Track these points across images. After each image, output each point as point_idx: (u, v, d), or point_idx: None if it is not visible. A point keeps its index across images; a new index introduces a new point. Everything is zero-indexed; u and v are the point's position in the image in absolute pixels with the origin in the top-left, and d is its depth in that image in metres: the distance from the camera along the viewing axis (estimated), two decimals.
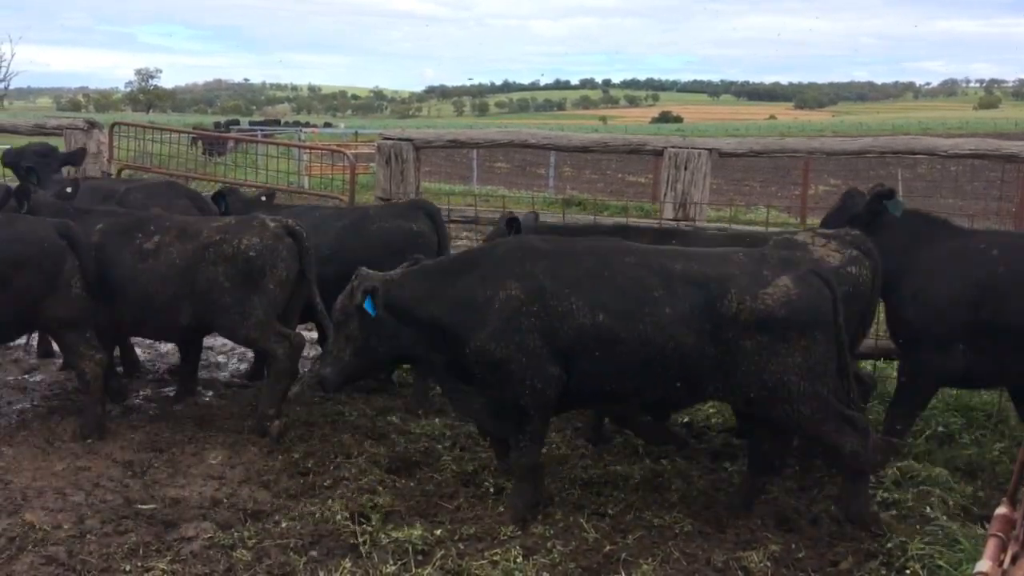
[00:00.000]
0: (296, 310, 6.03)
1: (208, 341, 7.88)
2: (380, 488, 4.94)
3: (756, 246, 4.96)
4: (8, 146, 23.39)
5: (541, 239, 4.83)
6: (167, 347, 7.82)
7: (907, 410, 5.32)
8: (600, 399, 4.78)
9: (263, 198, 7.22)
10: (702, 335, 4.27)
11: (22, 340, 8.05)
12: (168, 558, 4.19)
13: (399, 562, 4.16)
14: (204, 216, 6.57)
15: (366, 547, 4.28)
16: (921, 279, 5.11)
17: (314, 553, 4.27)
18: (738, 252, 4.56)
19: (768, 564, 4.19)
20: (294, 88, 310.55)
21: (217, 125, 37.45)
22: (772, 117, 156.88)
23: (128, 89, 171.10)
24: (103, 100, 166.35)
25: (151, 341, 8.10)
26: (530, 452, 4.61)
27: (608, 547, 4.33)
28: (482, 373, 4.52)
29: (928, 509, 4.71)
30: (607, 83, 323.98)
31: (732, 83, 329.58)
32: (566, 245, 4.69)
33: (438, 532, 4.41)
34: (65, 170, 9.46)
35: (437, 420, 6.07)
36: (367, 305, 4.57)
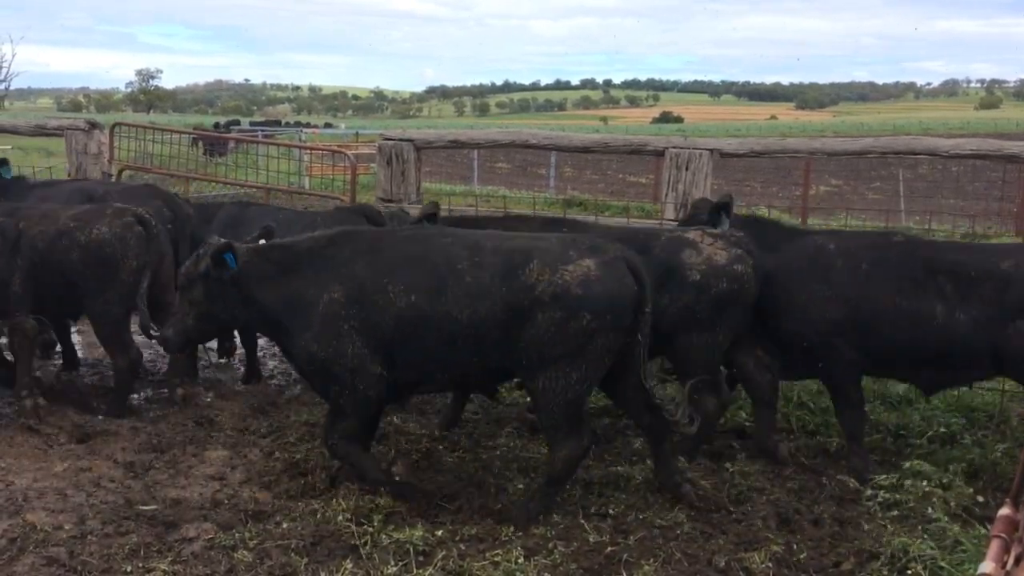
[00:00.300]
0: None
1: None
2: (381, 489, 4.93)
3: (649, 242, 5.27)
4: (8, 146, 23.24)
5: (371, 230, 5.19)
6: None
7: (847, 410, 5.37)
8: (426, 381, 4.87)
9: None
10: (500, 302, 4.45)
11: None
12: (169, 559, 4.18)
13: (400, 563, 4.15)
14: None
15: (367, 548, 4.28)
16: (784, 282, 5.29)
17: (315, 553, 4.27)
18: (555, 236, 4.82)
19: (770, 565, 4.18)
20: (295, 88, 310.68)
21: (216, 125, 37.40)
22: (773, 117, 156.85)
23: (129, 90, 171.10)
24: (104, 100, 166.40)
25: (153, 342, 8.10)
26: (344, 450, 4.83)
27: (609, 548, 4.32)
28: (306, 368, 4.79)
29: (930, 510, 4.70)
30: (608, 83, 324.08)
31: (733, 83, 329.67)
32: (389, 234, 5.02)
33: (439, 533, 4.41)
34: (66, 171, 9.48)
35: (437, 420, 6.06)
36: (228, 257, 4.77)
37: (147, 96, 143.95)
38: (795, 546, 4.37)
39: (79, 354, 7.47)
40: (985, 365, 5.12)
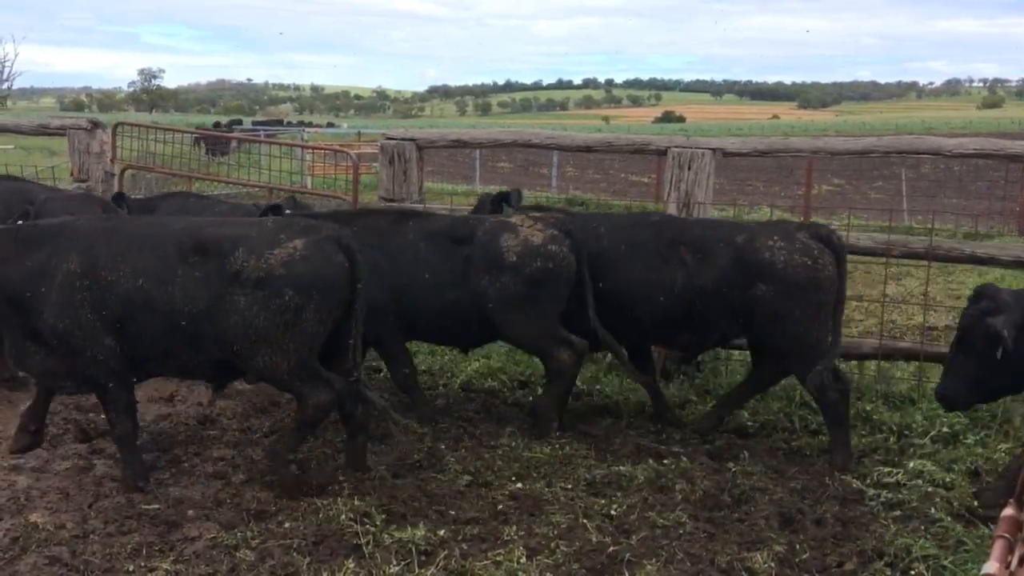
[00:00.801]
0: None
1: None
2: (383, 488, 4.93)
3: (475, 228, 5.75)
4: (11, 146, 23.24)
5: (104, 218, 5.53)
6: None
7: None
8: (160, 361, 4.96)
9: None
10: (209, 289, 4.65)
11: None
12: (171, 558, 4.18)
13: (402, 562, 4.15)
14: None
15: (369, 547, 4.28)
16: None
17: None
18: (274, 220, 5.15)
19: (772, 565, 4.18)
20: (297, 88, 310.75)
21: (216, 125, 37.38)
22: (775, 117, 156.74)
23: (131, 89, 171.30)
24: (106, 100, 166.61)
25: None
26: (122, 421, 4.92)
27: (612, 547, 4.32)
28: (52, 342, 4.83)
29: (933, 510, 4.70)
30: (610, 83, 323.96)
31: (735, 83, 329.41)
32: (123, 221, 5.36)
33: (441, 532, 4.41)
34: (68, 171, 9.47)
35: (439, 419, 6.06)
36: None
37: (149, 96, 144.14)
38: (797, 546, 4.37)
39: None
40: (731, 325, 5.66)
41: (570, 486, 5.04)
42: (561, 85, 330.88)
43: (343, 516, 4.55)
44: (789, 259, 5.45)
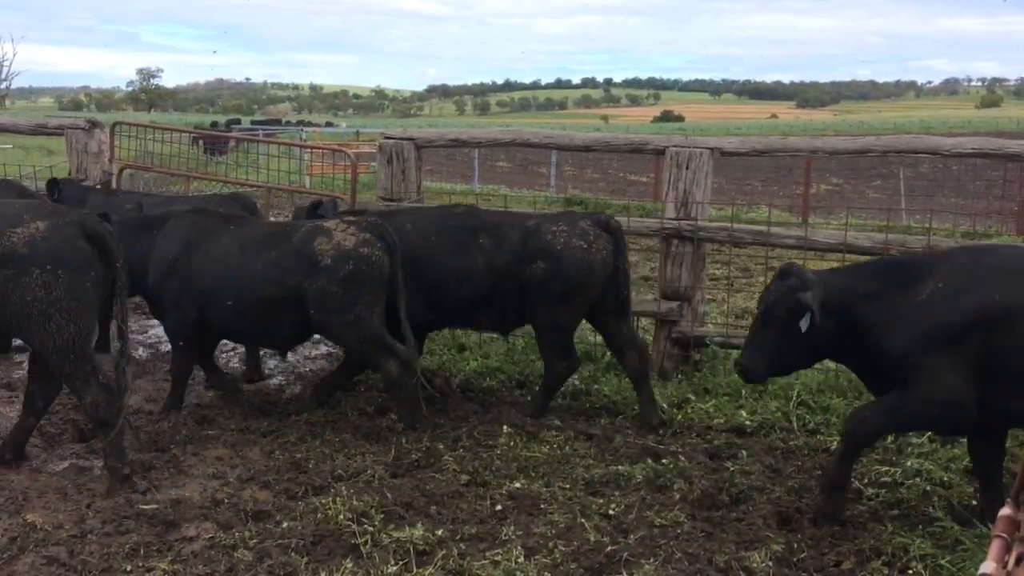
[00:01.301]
0: None
1: None
2: (381, 488, 4.94)
3: (292, 232, 5.93)
4: (9, 145, 23.23)
5: None
6: (168, 347, 7.82)
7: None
8: None
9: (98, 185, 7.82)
10: None
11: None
12: (169, 558, 4.18)
13: (400, 562, 4.15)
14: None
15: (367, 547, 4.27)
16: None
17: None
18: (21, 202, 5.48)
19: (770, 564, 4.18)
20: (295, 87, 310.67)
21: (214, 124, 37.37)
22: (774, 116, 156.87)
23: (130, 88, 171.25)
24: (105, 99, 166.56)
25: (153, 341, 8.11)
26: None
27: (610, 547, 4.32)
28: None
29: (930, 509, 4.70)
30: (608, 82, 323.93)
31: (734, 82, 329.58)
32: None
33: (439, 532, 4.40)
34: (67, 169, 9.47)
35: (437, 419, 6.06)
36: None
37: (148, 95, 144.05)
38: (795, 545, 4.36)
39: None
40: (523, 302, 6.15)
41: (568, 486, 5.04)
42: (560, 84, 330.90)
43: (341, 516, 4.54)
44: (567, 242, 6.03)
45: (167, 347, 7.74)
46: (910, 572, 4.11)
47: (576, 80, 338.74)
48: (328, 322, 5.83)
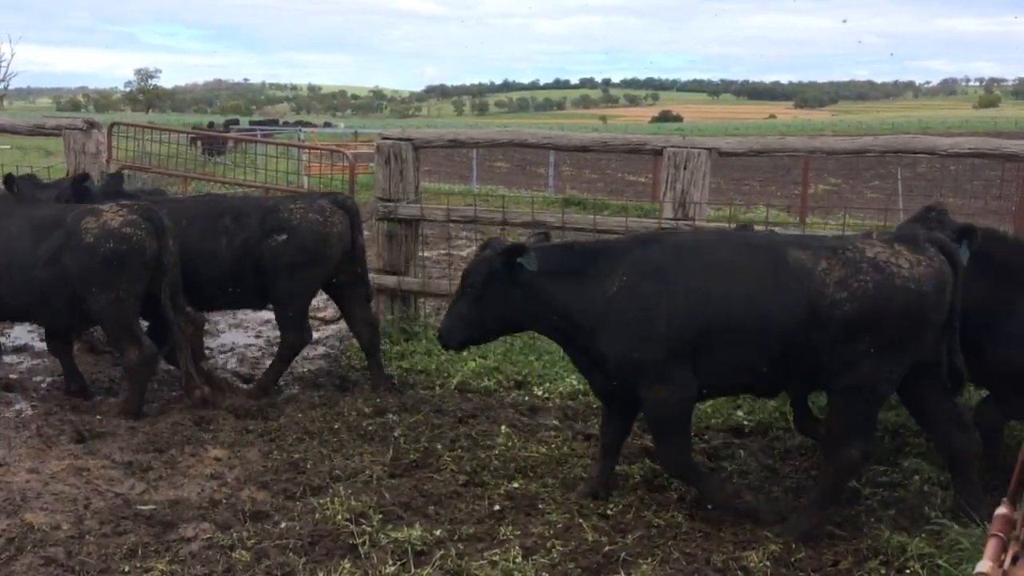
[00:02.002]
0: None
1: (209, 342, 7.88)
2: (379, 488, 4.94)
3: (65, 214, 6.17)
4: (7, 146, 23.14)
5: None
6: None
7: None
8: None
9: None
10: None
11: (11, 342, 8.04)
12: (167, 559, 4.18)
13: (398, 562, 4.15)
14: None
15: (365, 547, 4.28)
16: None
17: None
18: None
19: (767, 564, 4.18)
20: (294, 88, 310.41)
21: (211, 125, 37.33)
22: (772, 116, 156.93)
23: (128, 89, 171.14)
24: (103, 100, 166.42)
25: None
26: None
27: (608, 547, 4.33)
28: None
29: (928, 509, 4.70)
30: (607, 82, 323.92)
31: (732, 82, 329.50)
32: None
33: (437, 532, 4.41)
34: (65, 169, 9.46)
35: (435, 419, 6.07)
36: None
37: (146, 95, 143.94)
38: (793, 545, 4.37)
39: None
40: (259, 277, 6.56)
41: (566, 486, 5.04)
42: (558, 85, 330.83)
43: (339, 516, 4.55)
44: (304, 216, 6.52)
45: None
46: (907, 572, 4.12)
47: (574, 80, 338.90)
48: (89, 299, 6.04)
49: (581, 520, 4.59)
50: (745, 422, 6.06)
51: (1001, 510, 2.49)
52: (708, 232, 6.07)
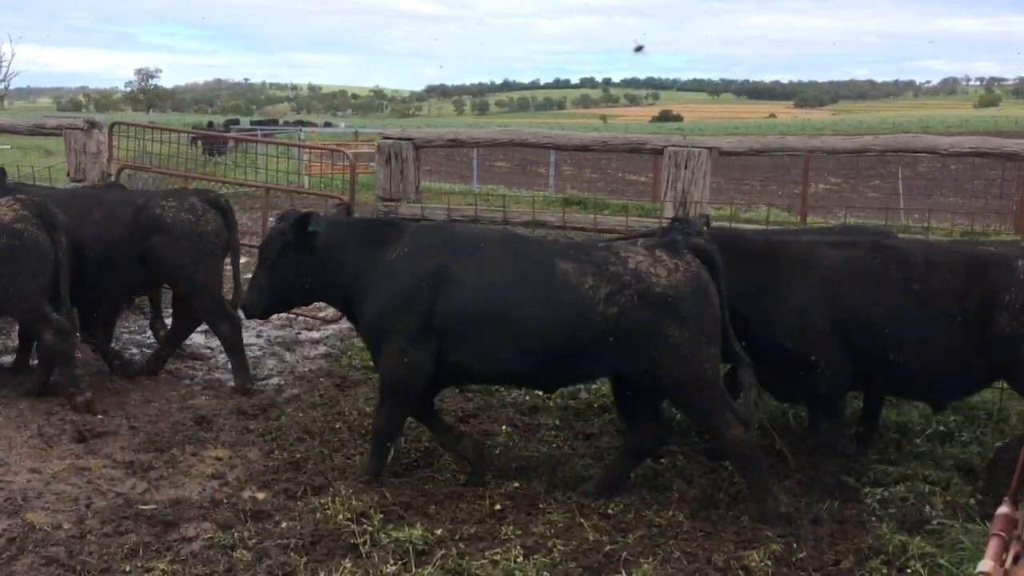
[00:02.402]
0: None
1: (210, 342, 7.88)
2: (380, 488, 4.94)
3: None
4: (8, 146, 23.12)
5: None
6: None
7: None
8: None
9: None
10: None
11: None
12: (168, 558, 4.18)
13: (399, 562, 4.16)
14: None
15: (366, 547, 4.28)
16: None
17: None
18: None
19: (769, 563, 4.19)
20: (294, 88, 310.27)
21: (210, 124, 37.31)
22: (772, 116, 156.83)
23: (128, 89, 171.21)
24: (103, 100, 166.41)
25: (152, 339, 8.10)
26: None
27: (608, 546, 4.33)
28: None
29: (928, 508, 4.71)
30: (607, 82, 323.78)
31: (732, 82, 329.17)
32: None
33: (438, 532, 4.41)
34: (66, 169, 9.47)
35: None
36: None
37: (146, 95, 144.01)
38: (794, 544, 4.37)
39: None
40: (138, 272, 6.75)
41: (567, 485, 5.04)
42: (559, 84, 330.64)
43: (340, 516, 4.55)
44: (176, 215, 6.65)
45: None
46: (909, 571, 4.12)
47: (575, 80, 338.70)
48: None
49: (582, 519, 4.60)
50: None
51: (1003, 509, 2.49)
52: (494, 230, 6.38)
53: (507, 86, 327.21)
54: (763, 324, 4.98)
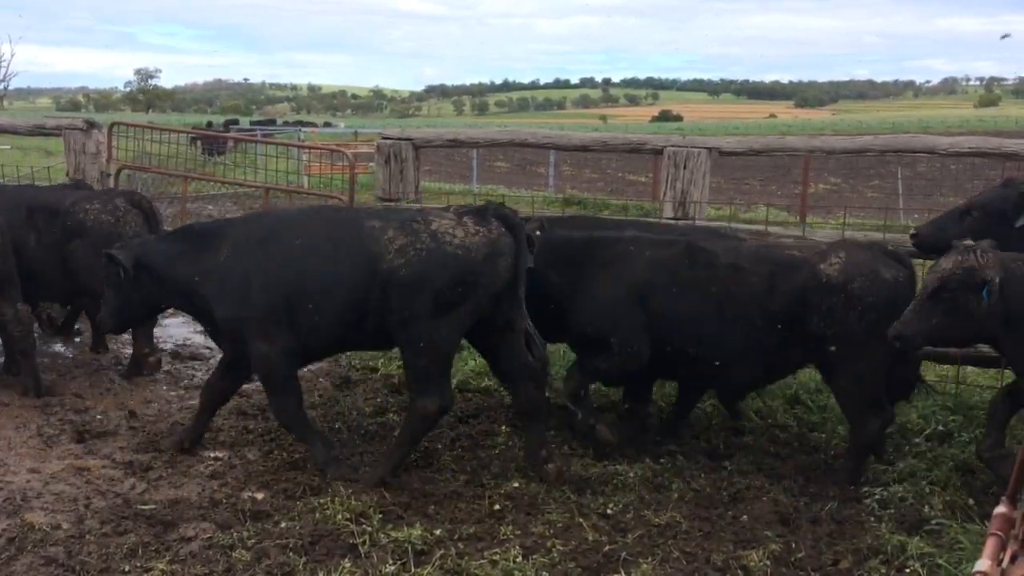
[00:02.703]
0: None
1: (209, 342, 7.88)
2: (379, 488, 4.94)
3: None
4: (7, 146, 23.12)
5: None
6: (167, 348, 7.83)
7: None
8: None
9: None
10: None
11: None
12: (167, 558, 4.18)
13: (398, 562, 4.16)
14: None
15: (365, 547, 4.28)
16: None
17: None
18: None
19: (768, 563, 4.19)
20: (294, 88, 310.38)
21: (209, 125, 37.32)
22: (772, 116, 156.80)
23: (128, 89, 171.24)
24: (103, 100, 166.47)
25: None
26: None
27: (608, 546, 4.33)
28: None
29: (927, 508, 4.71)
30: (607, 82, 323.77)
31: (732, 82, 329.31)
32: None
33: (437, 532, 4.41)
34: (65, 170, 9.47)
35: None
36: None
37: (146, 95, 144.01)
38: (793, 544, 4.37)
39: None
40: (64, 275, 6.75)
41: (566, 485, 5.05)
42: (558, 84, 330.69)
43: (339, 516, 4.55)
44: (97, 218, 6.69)
45: (166, 346, 7.75)
46: (908, 571, 4.12)
47: (575, 80, 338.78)
48: None
49: (581, 519, 4.60)
50: (745, 422, 6.06)
51: (1000, 509, 2.49)
52: (302, 209, 6.98)
53: (507, 86, 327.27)
54: (576, 313, 5.43)
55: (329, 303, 4.95)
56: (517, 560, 4.15)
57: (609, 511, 4.73)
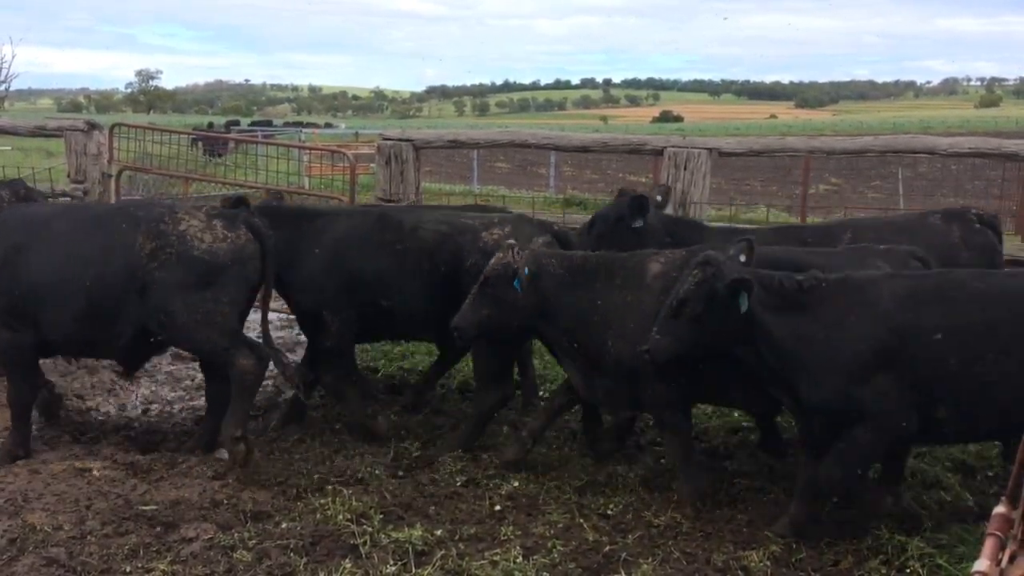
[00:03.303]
0: None
1: None
2: (380, 488, 4.94)
3: None
4: (8, 147, 23.06)
5: None
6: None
7: None
8: None
9: None
10: None
11: None
12: (168, 559, 4.19)
13: (399, 562, 4.16)
14: None
15: (366, 547, 4.28)
16: None
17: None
18: None
19: (768, 564, 4.19)
20: (294, 88, 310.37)
21: (210, 125, 37.35)
22: (773, 116, 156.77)
23: (129, 90, 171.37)
24: (104, 101, 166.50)
25: None
26: None
27: (608, 547, 4.34)
28: None
29: (927, 508, 4.70)
30: (607, 83, 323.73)
31: (733, 82, 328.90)
32: None
33: (438, 532, 4.42)
34: (66, 171, 9.48)
35: (435, 419, 6.07)
36: None
37: (147, 96, 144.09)
38: (793, 545, 4.38)
39: None
40: None
41: (567, 486, 5.05)
42: (559, 85, 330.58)
43: (340, 516, 4.56)
44: None
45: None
46: (908, 571, 4.13)
47: (575, 81, 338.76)
48: None
49: (581, 520, 4.60)
50: (745, 423, 6.06)
51: (999, 509, 2.50)
52: (58, 206, 7.11)
53: (507, 87, 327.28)
54: (294, 286, 5.75)
55: (74, 303, 5.19)
56: (517, 560, 4.16)
57: (610, 512, 4.73)
